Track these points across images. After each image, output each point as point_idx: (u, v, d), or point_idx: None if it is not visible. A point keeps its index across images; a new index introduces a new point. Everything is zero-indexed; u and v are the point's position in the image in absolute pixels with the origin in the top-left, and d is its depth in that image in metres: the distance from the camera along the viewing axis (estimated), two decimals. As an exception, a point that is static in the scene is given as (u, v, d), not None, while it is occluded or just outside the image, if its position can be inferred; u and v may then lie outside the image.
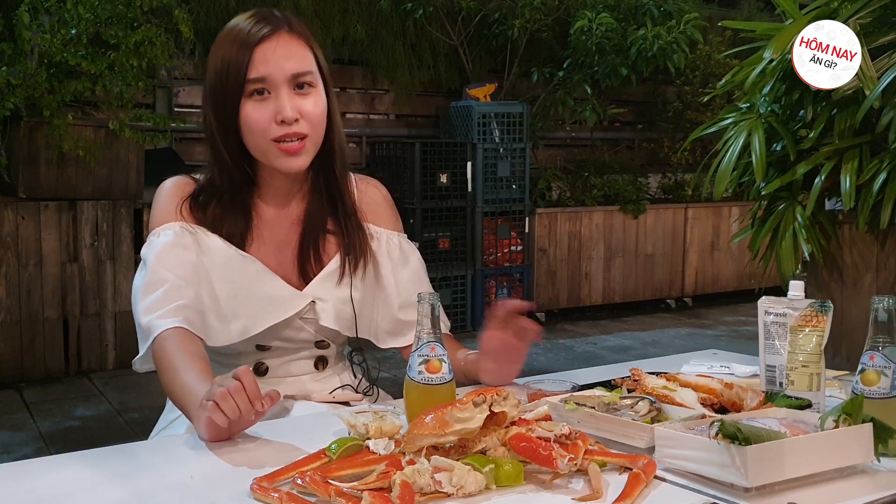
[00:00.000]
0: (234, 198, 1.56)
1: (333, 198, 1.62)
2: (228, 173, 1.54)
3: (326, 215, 1.62)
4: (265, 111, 1.48)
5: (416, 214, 5.83)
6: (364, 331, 1.62)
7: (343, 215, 1.62)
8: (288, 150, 1.49)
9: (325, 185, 1.61)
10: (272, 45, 1.48)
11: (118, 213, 4.93)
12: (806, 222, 2.00)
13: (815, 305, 1.37)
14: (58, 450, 3.55)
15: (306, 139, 1.50)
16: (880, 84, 1.85)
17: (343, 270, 1.59)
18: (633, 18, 6.41)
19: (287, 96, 1.48)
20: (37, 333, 4.75)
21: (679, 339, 5.97)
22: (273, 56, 1.47)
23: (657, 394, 1.32)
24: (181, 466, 1.18)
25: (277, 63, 1.47)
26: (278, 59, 1.48)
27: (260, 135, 1.49)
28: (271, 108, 1.48)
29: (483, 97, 6.42)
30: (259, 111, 1.48)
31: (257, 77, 1.47)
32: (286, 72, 1.48)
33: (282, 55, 1.48)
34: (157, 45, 4.60)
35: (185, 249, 1.50)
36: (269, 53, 1.47)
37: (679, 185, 7.43)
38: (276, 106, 1.47)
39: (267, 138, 1.49)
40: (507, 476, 1.08)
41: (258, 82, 1.47)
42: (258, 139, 1.50)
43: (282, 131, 1.48)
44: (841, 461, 1.11)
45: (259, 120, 1.48)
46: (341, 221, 1.62)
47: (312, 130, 1.51)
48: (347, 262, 1.60)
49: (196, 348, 1.42)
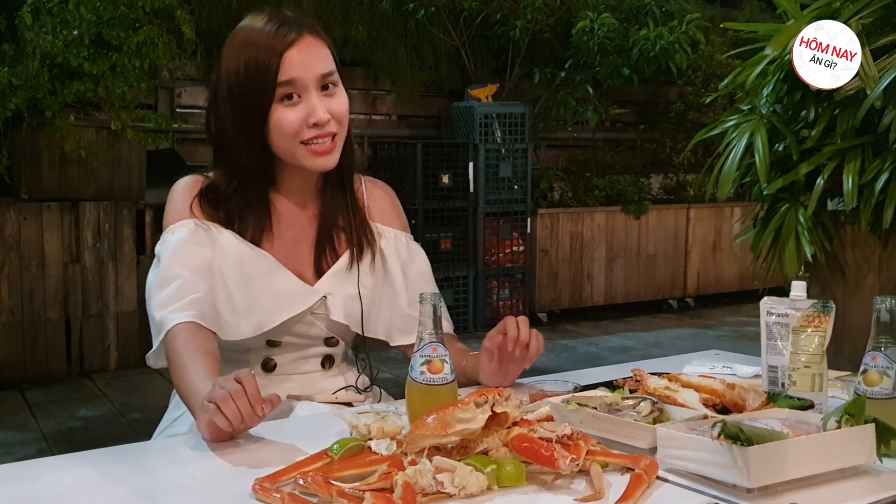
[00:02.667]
0: (250, 195, 1.56)
1: (345, 194, 1.64)
2: (245, 172, 1.55)
3: (339, 211, 1.64)
4: (297, 115, 1.49)
5: (418, 215, 5.83)
6: (372, 326, 1.63)
7: (353, 213, 1.64)
8: (318, 152, 1.51)
9: (338, 179, 1.63)
10: (300, 48, 1.49)
11: (120, 214, 4.93)
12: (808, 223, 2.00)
13: (817, 306, 1.36)
14: (60, 450, 3.55)
15: (336, 137, 1.53)
16: (881, 84, 1.85)
17: (352, 266, 1.60)
18: (634, 19, 6.41)
19: (317, 98, 1.50)
20: (39, 334, 4.75)
21: (681, 340, 5.97)
22: (301, 60, 1.49)
23: (659, 394, 1.32)
24: (183, 467, 1.18)
25: (306, 66, 1.49)
26: (307, 62, 1.49)
27: (291, 138, 1.50)
28: (302, 112, 1.49)
29: (485, 98, 6.41)
30: (289, 115, 1.49)
31: (287, 80, 1.48)
32: (315, 74, 1.50)
33: (309, 58, 1.50)
34: (159, 46, 4.60)
35: (199, 246, 1.51)
36: (297, 57, 1.49)
37: (681, 185, 7.43)
38: (308, 109, 1.49)
39: (297, 141, 1.50)
40: (509, 477, 1.08)
41: (288, 86, 1.48)
42: (288, 142, 1.51)
43: (313, 133, 1.50)
44: (843, 462, 1.11)
45: (292, 122, 1.49)
46: (350, 217, 1.63)
47: (341, 129, 1.54)
48: (356, 257, 1.61)
49: (207, 344, 1.43)
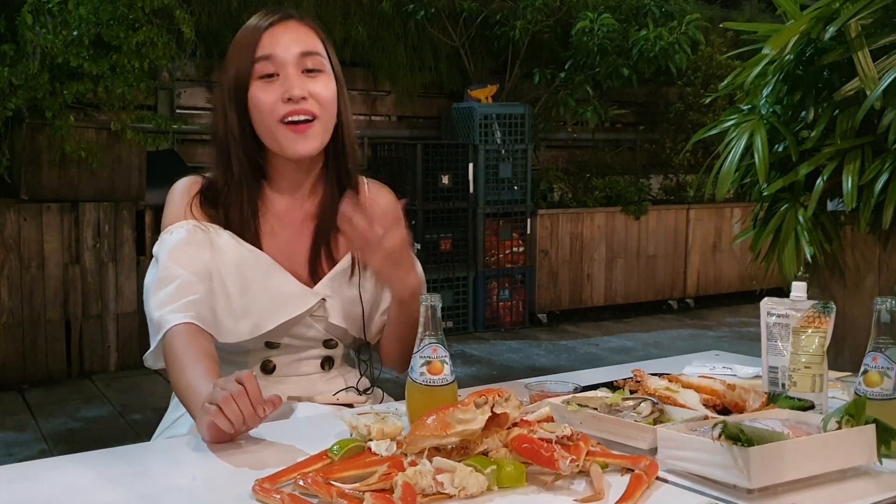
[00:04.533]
0: (245, 193, 1.56)
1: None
2: (241, 167, 1.55)
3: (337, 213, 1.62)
4: (273, 92, 1.49)
5: (418, 216, 5.83)
6: (371, 331, 1.62)
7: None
8: (296, 130, 1.49)
9: (338, 181, 1.61)
10: (280, 28, 1.51)
11: (120, 215, 4.93)
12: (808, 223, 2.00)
13: (817, 306, 1.36)
14: (60, 451, 3.55)
15: (315, 121, 1.51)
16: (881, 84, 1.85)
17: (353, 269, 1.60)
18: (634, 19, 6.41)
19: (295, 75, 1.49)
20: (39, 335, 4.75)
21: (681, 341, 5.96)
22: (280, 38, 1.50)
23: (659, 395, 1.32)
24: (183, 468, 1.18)
25: (285, 44, 1.50)
26: (286, 40, 1.50)
27: (268, 115, 1.49)
28: (279, 88, 1.49)
29: (484, 98, 6.41)
30: (266, 92, 1.49)
31: (264, 55, 1.49)
32: (293, 52, 1.50)
33: (289, 38, 1.50)
34: (158, 46, 4.61)
35: (197, 247, 1.50)
36: (277, 36, 1.50)
37: (681, 186, 7.43)
38: (285, 85, 1.48)
39: (274, 119, 1.49)
40: (509, 477, 1.08)
41: (265, 61, 1.49)
42: (266, 120, 1.50)
43: (289, 108, 1.48)
44: (843, 463, 1.11)
45: (266, 101, 1.49)
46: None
47: (322, 112, 1.51)
48: (357, 261, 1.60)
49: (205, 345, 1.43)
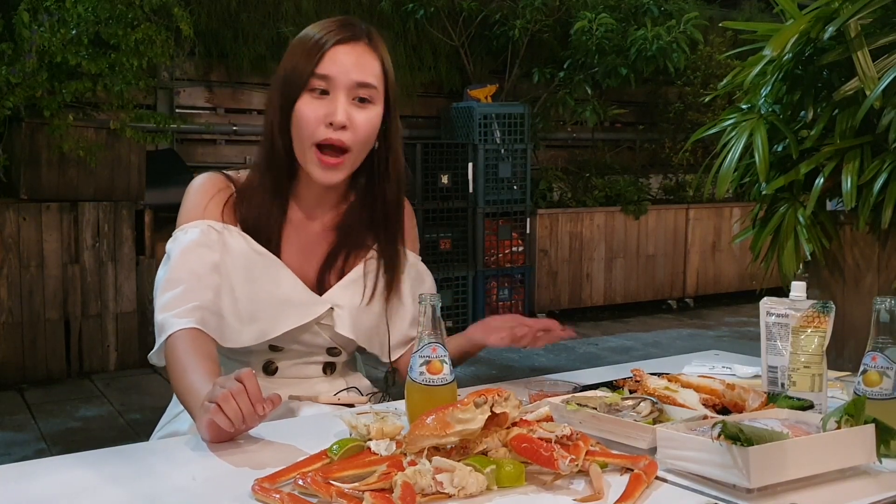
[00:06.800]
0: (272, 197, 1.55)
1: (379, 220, 1.60)
2: (277, 169, 1.53)
3: (365, 233, 1.61)
4: (318, 109, 1.47)
5: (418, 215, 5.82)
6: (376, 343, 1.62)
7: (386, 240, 1.61)
8: (326, 163, 1.49)
9: (371, 206, 1.59)
10: (346, 49, 1.48)
11: (119, 215, 4.93)
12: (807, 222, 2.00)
13: (816, 306, 1.36)
14: (59, 451, 3.55)
15: (347, 155, 1.49)
16: (881, 84, 1.85)
17: (366, 283, 1.59)
18: (633, 19, 6.41)
19: (344, 101, 1.47)
20: (38, 335, 4.75)
21: (680, 340, 5.97)
22: (343, 60, 1.47)
23: (659, 395, 1.32)
24: (183, 468, 1.18)
25: (345, 69, 1.47)
26: (348, 64, 1.47)
27: (306, 133, 1.48)
28: (325, 108, 1.47)
29: (484, 98, 6.41)
30: (312, 108, 1.47)
31: (321, 74, 1.47)
32: (351, 78, 1.47)
33: (351, 63, 1.48)
34: (157, 44, 4.60)
35: (208, 249, 1.50)
36: (341, 56, 1.47)
37: (680, 185, 7.43)
38: (331, 107, 1.47)
39: (310, 140, 1.48)
40: (509, 477, 1.08)
41: (321, 79, 1.47)
42: (303, 137, 1.49)
43: (326, 134, 1.47)
44: (843, 462, 1.11)
45: (309, 117, 1.47)
46: (383, 245, 1.61)
47: (355, 145, 1.50)
48: (377, 279, 1.60)
49: (207, 349, 1.43)
